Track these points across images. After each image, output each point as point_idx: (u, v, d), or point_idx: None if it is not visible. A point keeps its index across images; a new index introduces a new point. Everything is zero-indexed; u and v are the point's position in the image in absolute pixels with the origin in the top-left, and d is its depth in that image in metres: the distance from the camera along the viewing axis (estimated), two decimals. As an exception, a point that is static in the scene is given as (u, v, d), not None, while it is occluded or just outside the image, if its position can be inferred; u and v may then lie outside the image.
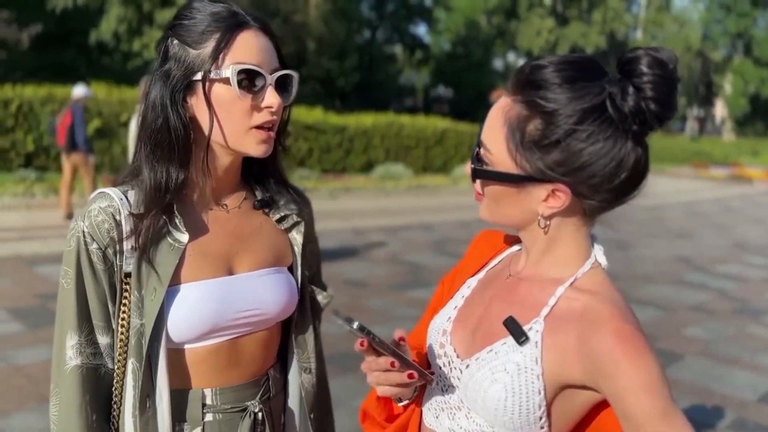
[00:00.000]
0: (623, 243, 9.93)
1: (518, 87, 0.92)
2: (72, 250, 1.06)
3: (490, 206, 0.98)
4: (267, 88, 1.06)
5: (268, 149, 1.10)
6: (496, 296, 1.02)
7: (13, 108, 11.40)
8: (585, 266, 0.97)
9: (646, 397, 0.87)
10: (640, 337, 0.89)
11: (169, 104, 1.05)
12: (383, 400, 1.17)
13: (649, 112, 0.86)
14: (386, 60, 39.53)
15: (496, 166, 0.93)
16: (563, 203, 0.91)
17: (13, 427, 3.14)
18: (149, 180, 1.07)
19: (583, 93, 0.87)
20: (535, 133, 0.89)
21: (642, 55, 0.87)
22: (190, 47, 1.05)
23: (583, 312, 0.92)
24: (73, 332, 1.07)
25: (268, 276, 1.18)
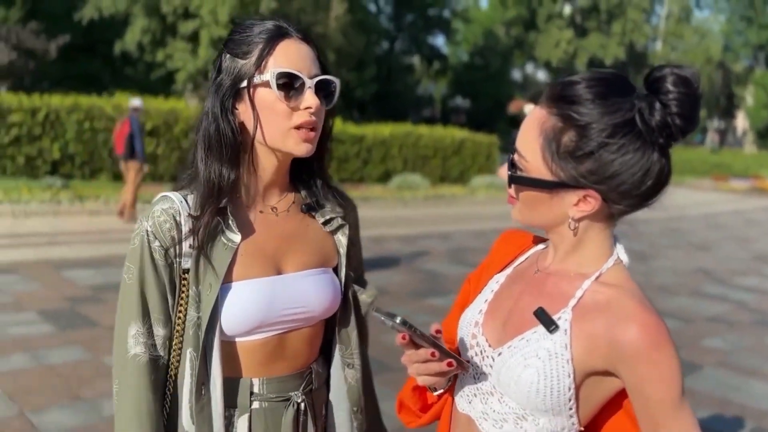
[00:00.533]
0: (643, 254, 9.91)
1: (553, 101, 1.00)
2: (136, 247, 1.16)
3: (523, 209, 1.06)
4: (306, 90, 1.14)
5: (310, 149, 1.17)
6: (525, 290, 1.10)
7: (41, 117, 11.68)
8: (609, 262, 1.04)
9: (663, 388, 0.95)
10: (663, 330, 0.96)
11: (220, 112, 1.15)
12: (418, 391, 1.24)
13: (674, 126, 0.95)
14: (404, 71, 39.71)
15: (531, 172, 1.01)
16: (593, 208, 0.99)
17: (47, 423, 3.26)
18: (204, 179, 1.17)
19: (614, 108, 0.95)
20: (570, 144, 0.97)
21: (668, 73, 0.95)
22: (239, 58, 1.15)
23: (609, 304, 0.99)
24: (135, 323, 1.15)
25: (314, 276, 1.26)
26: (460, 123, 33.07)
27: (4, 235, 7.74)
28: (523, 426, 1.04)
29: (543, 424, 1.03)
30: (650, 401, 0.96)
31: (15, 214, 8.85)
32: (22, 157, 11.62)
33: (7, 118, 11.34)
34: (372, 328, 1.09)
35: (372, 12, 34.91)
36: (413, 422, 1.26)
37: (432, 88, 47.23)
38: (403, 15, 38.62)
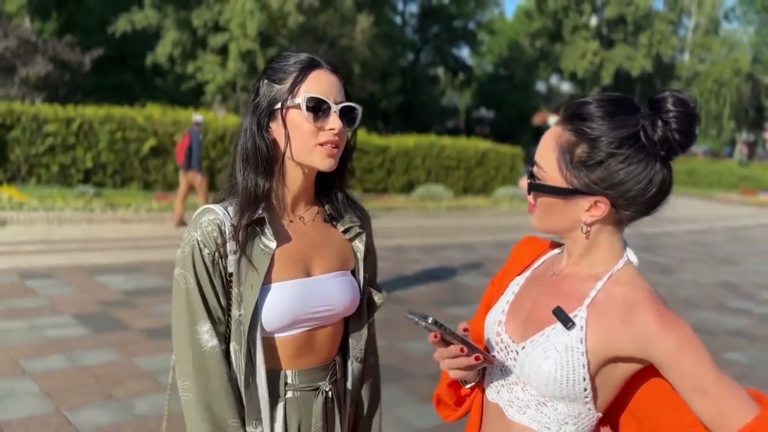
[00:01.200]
0: (666, 267, 9.88)
1: (567, 119, 1.14)
2: (188, 255, 1.30)
3: (541, 216, 1.19)
4: (331, 114, 1.31)
5: (333, 164, 1.33)
6: (543, 291, 1.23)
7: (75, 127, 12.04)
8: (619, 264, 1.17)
9: (693, 351, 1.05)
10: (671, 311, 1.09)
11: (257, 129, 1.32)
12: (452, 387, 1.38)
13: (674, 141, 1.09)
14: (429, 82, 39.89)
15: (548, 181, 1.15)
16: (603, 212, 1.12)
17: (82, 420, 3.43)
18: (242, 188, 1.33)
19: (621, 124, 1.09)
20: (583, 155, 1.11)
21: (668, 95, 1.10)
22: (275, 84, 1.32)
23: (623, 298, 1.12)
24: (204, 321, 1.29)
25: (337, 278, 1.42)
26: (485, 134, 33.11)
27: (39, 241, 8.02)
28: (543, 411, 1.17)
29: (561, 410, 1.15)
30: (687, 369, 1.05)
31: (50, 221, 9.14)
32: (56, 165, 11.98)
33: (42, 128, 11.71)
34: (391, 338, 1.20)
35: (398, 24, 35.17)
36: (450, 416, 1.40)
37: (456, 99, 47.33)
38: (428, 27, 38.85)
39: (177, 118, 13.24)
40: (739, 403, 1.03)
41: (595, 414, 1.16)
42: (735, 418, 1.02)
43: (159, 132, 12.92)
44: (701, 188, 28.96)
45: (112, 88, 21.38)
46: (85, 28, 22.04)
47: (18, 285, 5.95)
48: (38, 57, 14.30)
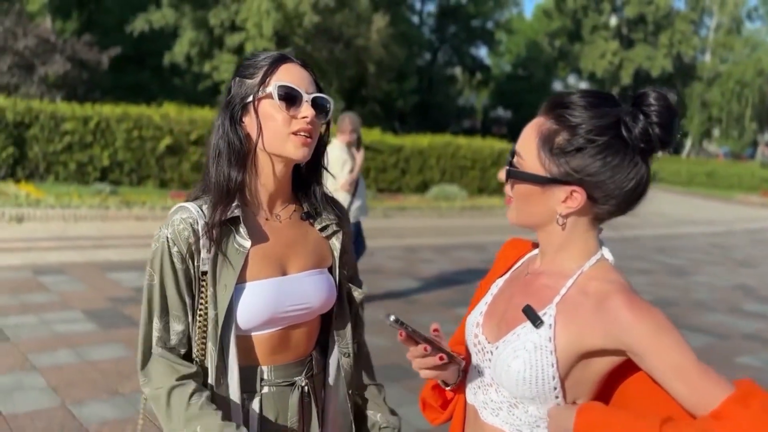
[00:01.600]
0: (682, 269, 9.77)
1: (550, 108, 1.14)
2: (157, 252, 1.31)
3: (518, 207, 1.18)
4: (303, 103, 1.31)
5: (307, 153, 1.33)
6: (516, 291, 1.22)
7: (92, 125, 12.16)
8: (592, 260, 1.15)
9: (670, 334, 1.04)
10: (643, 300, 1.07)
11: (229, 124, 1.33)
12: (437, 390, 1.37)
13: (654, 134, 1.08)
14: (446, 81, 39.82)
15: (527, 170, 1.14)
16: (579, 204, 1.11)
17: (87, 415, 3.46)
18: (215, 182, 1.33)
19: (602, 114, 1.09)
20: (562, 142, 1.10)
21: (650, 91, 1.10)
22: (246, 79, 1.33)
23: (594, 292, 1.10)
24: (158, 319, 1.31)
25: (313, 276, 1.42)
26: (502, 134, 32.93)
27: (54, 237, 8.12)
28: (514, 413, 1.16)
29: (532, 412, 1.14)
30: (666, 352, 1.03)
31: (65, 218, 9.25)
32: (74, 163, 12.12)
33: (60, 126, 11.86)
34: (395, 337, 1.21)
35: (415, 24, 35.13)
36: (436, 419, 1.39)
37: (473, 99, 47.19)
38: (446, 26, 38.77)
39: (193, 117, 13.33)
40: (716, 382, 1.02)
41: None
42: (713, 396, 1.01)
43: (175, 131, 13.01)
44: (721, 190, 28.57)
45: (130, 87, 21.62)
46: (104, 27, 22.31)
47: (31, 280, 6.03)
48: (56, 56, 14.50)
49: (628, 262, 10.12)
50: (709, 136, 45.93)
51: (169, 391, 1.27)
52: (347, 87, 24.48)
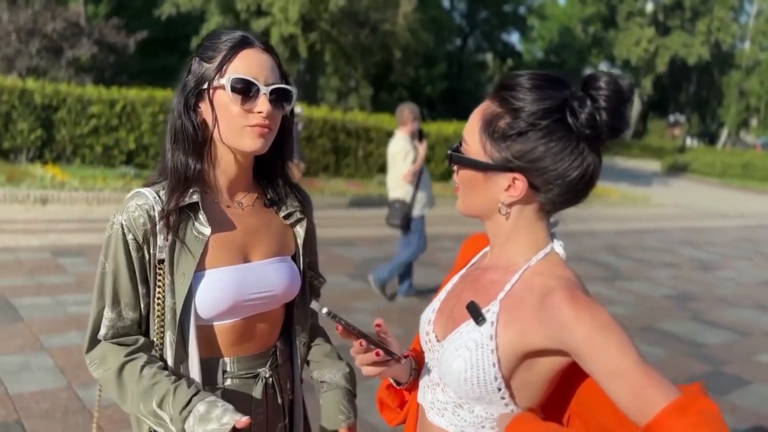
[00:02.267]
0: (707, 263, 9.53)
1: (497, 90, 1.07)
2: (110, 239, 1.27)
3: (463, 195, 1.12)
4: (260, 96, 1.25)
5: (263, 146, 1.28)
6: (466, 287, 1.17)
7: (118, 108, 12.30)
8: (539, 254, 1.09)
9: (611, 333, 0.96)
10: (588, 297, 1.01)
11: (183, 109, 1.27)
12: (392, 389, 1.32)
13: (600, 120, 1.00)
14: (476, 68, 39.37)
15: (470, 155, 1.08)
16: (520, 192, 1.04)
17: (92, 397, 3.50)
18: (171, 169, 1.28)
19: (546, 96, 1.02)
20: (504, 126, 1.04)
21: (601, 75, 1.02)
22: (204, 62, 1.27)
23: (538, 288, 1.04)
24: (107, 308, 1.27)
25: (277, 264, 1.38)
26: (531, 122, 32.36)
27: (76, 219, 8.25)
28: (459, 414, 1.10)
29: (478, 412, 1.08)
30: (606, 352, 0.96)
31: (89, 201, 9.39)
32: (100, 146, 12.28)
33: (87, 109, 12.01)
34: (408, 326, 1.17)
35: (445, 9, 34.74)
36: (393, 419, 1.33)
37: (504, 86, 46.57)
38: (477, 11, 38.24)
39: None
40: (659, 386, 0.93)
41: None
42: (656, 401, 0.92)
43: (199, 115, 13.09)
44: (757, 182, 27.78)
45: (158, 70, 21.80)
46: (133, 11, 22.49)
47: (49, 262, 6.12)
48: (84, 39, 14.65)
49: (653, 254, 9.92)
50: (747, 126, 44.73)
51: (120, 368, 1.24)
52: (373, 72, 24.35)
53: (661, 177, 27.27)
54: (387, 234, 9.40)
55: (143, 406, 1.22)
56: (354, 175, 15.16)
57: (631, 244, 10.56)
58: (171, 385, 1.22)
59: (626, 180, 21.73)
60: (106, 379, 1.27)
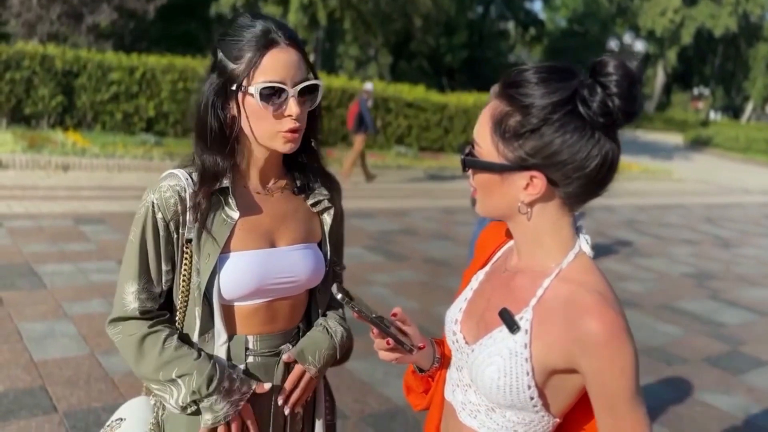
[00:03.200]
0: (728, 241, 9.43)
1: (503, 88, 1.04)
2: (140, 216, 1.31)
3: (482, 198, 1.10)
4: (289, 99, 1.25)
5: (294, 147, 1.30)
6: (495, 289, 1.15)
7: (138, 75, 12.31)
8: (569, 256, 1.06)
9: (620, 377, 0.98)
10: (621, 323, 0.99)
11: (211, 107, 1.27)
12: (417, 375, 1.33)
13: (613, 106, 0.97)
14: (497, 36, 38.76)
15: (483, 158, 1.05)
16: (540, 190, 1.02)
17: (113, 364, 3.57)
18: (201, 164, 1.31)
19: (555, 89, 0.99)
20: (515, 124, 1.01)
21: (609, 59, 0.99)
22: (231, 62, 1.26)
23: (569, 300, 1.02)
24: (133, 281, 1.31)
25: (303, 250, 1.41)
26: (552, 93, 31.93)
27: (97, 187, 8.33)
28: (492, 417, 1.10)
29: (510, 417, 1.08)
30: (607, 391, 0.99)
31: (110, 168, 9.47)
32: (120, 113, 12.33)
33: (107, 75, 12.03)
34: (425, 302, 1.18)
35: (467, -25, 34.04)
36: (419, 405, 1.35)
37: (525, 56, 45.89)
38: (499, -22, 37.50)
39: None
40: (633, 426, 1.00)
41: (551, 420, 1.08)
42: None
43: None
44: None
45: (178, 37, 21.71)
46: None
47: (72, 229, 6.21)
48: (104, 5, 14.62)
49: (673, 231, 9.83)
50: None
51: (142, 337, 1.30)
52: (393, 41, 24.06)
53: (683, 151, 26.87)
54: (406, 206, 9.40)
55: (162, 375, 1.28)
56: (372, 146, 15.10)
57: (651, 220, 10.46)
58: (195, 361, 1.29)
59: (648, 153, 21.44)
60: (125, 344, 1.32)
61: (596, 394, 1.01)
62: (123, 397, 3.23)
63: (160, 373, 1.28)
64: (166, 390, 1.29)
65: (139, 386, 3.31)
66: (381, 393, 3.58)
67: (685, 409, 3.79)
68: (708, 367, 4.48)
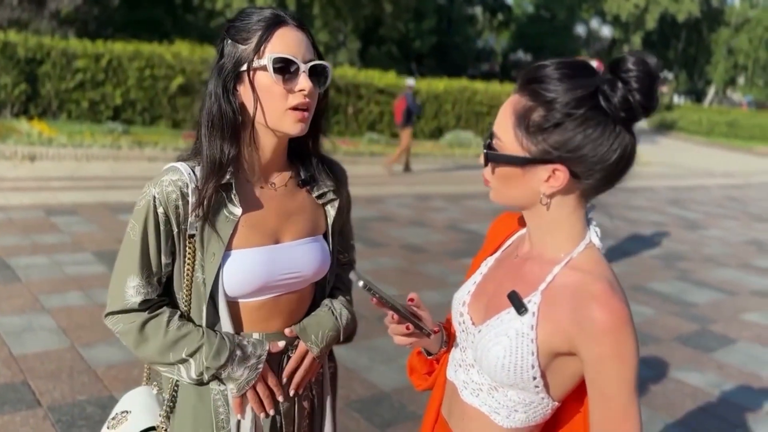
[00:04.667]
0: (695, 223, 9.67)
1: (525, 83, 1.07)
2: (141, 209, 1.29)
3: (499, 189, 1.13)
4: (300, 74, 1.25)
5: (304, 128, 1.29)
6: (506, 275, 1.18)
7: (104, 62, 12.06)
8: (580, 246, 1.10)
9: (620, 367, 1.02)
10: (626, 313, 1.03)
11: (222, 93, 1.26)
12: (422, 357, 1.37)
13: (634, 101, 1.01)
14: (465, 22, 38.74)
15: (505, 151, 1.08)
16: (562, 183, 1.05)
17: (95, 357, 3.54)
18: (207, 155, 1.28)
19: (578, 85, 1.02)
20: (539, 119, 1.04)
21: (629, 56, 1.03)
22: (240, 44, 1.25)
23: (576, 288, 1.06)
24: (135, 276, 1.29)
25: (307, 245, 1.39)
26: (520, 78, 32.13)
27: (66, 177, 8.17)
28: (494, 396, 1.14)
29: (511, 396, 1.12)
30: (604, 378, 1.03)
31: (78, 158, 9.29)
32: (86, 101, 12.08)
33: (72, 63, 11.76)
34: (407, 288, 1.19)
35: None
36: (421, 385, 1.38)
37: (493, 41, 46.06)
38: (466, -36, 37.45)
39: (205, 57, 13.12)
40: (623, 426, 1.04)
41: (550, 403, 1.13)
42: None
43: (187, 70, 12.87)
44: (742, 141, 27.97)
45: (143, 23, 21.22)
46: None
47: (43, 221, 6.09)
48: (67, -10, 14.27)
49: (641, 214, 10.04)
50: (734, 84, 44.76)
51: (144, 322, 1.29)
52: (363, 27, 23.91)
53: (648, 134, 27.37)
54: (380, 193, 9.43)
55: (173, 356, 1.27)
56: (344, 133, 15.07)
57: (619, 203, 10.68)
58: (202, 337, 1.29)
59: (614, 138, 21.72)
60: (126, 331, 1.30)
61: (593, 381, 1.05)
62: (107, 389, 3.22)
63: (169, 354, 1.27)
64: (174, 370, 1.29)
65: (124, 377, 3.32)
66: (366, 379, 3.62)
67: (660, 386, 3.92)
68: (680, 345, 4.63)
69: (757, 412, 3.72)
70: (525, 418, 1.13)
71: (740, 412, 3.71)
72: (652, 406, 3.63)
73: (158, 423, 1.40)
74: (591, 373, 1.04)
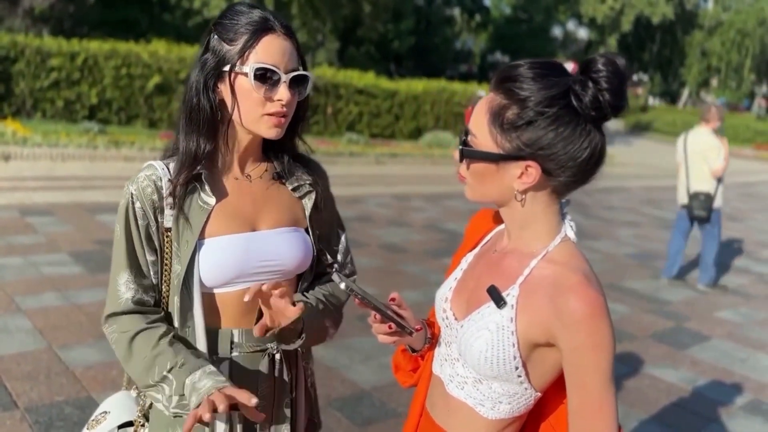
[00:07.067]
0: (669, 222, 9.82)
1: (499, 82, 1.11)
2: (122, 207, 1.32)
3: (473, 185, 1.16)
4: (281, 84, 1.27)
5: (279, 133, 1.32)
6: (484, 270, 1.22)
7: (79, 61, 11.90)
8: (556, 240, 1.14)
9: (596, 356, 1.05)
10: (602, 303, 1.07)
11: (202, 88, 1.28)
12: (407, 354, 1.39)
13: (604, 100, 1.05)
14: (444, 23, 38.90)
15: (480, 148, 1.12)
16: (534, 179, 1.09)
17: (72, 358, 3.51)
18: (183, 147, 1.31)
19: (550, 84, 1.06)
20: (512, 116, 1.07)
21: (598, 57, 1.07)
22: (225, 43, 1.27)
23: (554, 280, 1.09)
24: (123, 272, 1.32)
25: (287, 234, 1.40)
26: (498, 80, 32.30)
27: (42, 177, 8.05)
28: (479, 389, 1.17)
29: (495, 388, 1.16)
30: (581, 367, 1.06)
31: (53, 157, 9.16)
32: (61, 101, 11.91)
33: (47, 62, 11.59)
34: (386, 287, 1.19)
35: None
36: (406, 382, 1.41)
37: (471, 43, 46.30)
38: (445, -35, 37.60)
39: (182, 56, 13.03)
40: (606, 419, 1.07)
41: (533, 393, 1.16)
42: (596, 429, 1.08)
43: (164, 69, 12.75)
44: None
45: (119, 21, 20.99)
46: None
47: (18, 221, 6.00)
48: (41, -12, 14.07)
49: (616, 213, 10.18)
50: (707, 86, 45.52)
51: (135, 334, 1.29)
52: (342, 27, 23.91)
53: (623, 136, 27.71)
54: (359, 193, 9.44)
55: (156, 372, 1.25)
56: (323, 133, 15.05)
57: (595, 203, 10.81)
58: (185, 352, 1.26)
59: (591, 139, 21.96)
60: (117, 341, 1.31)
61: (570, 371, 1.08)
62: (86, 390, 3.19)
63: (153, 370, 1.24)
64: (159, 390, 1.26)
65: (102, 379, 3.30)
66: (346, 377, 3.63)
67: (635, 382, 4.00)
68: (655, 342, 4.72)
69: (729, 407, 3.81)
70: (509, 409, 1.16)
71: (714, 407, 3.79)
72: (627, 402, 3.69)
73: (135, 418, 1.41)
74: (568, 362, 1.08)
